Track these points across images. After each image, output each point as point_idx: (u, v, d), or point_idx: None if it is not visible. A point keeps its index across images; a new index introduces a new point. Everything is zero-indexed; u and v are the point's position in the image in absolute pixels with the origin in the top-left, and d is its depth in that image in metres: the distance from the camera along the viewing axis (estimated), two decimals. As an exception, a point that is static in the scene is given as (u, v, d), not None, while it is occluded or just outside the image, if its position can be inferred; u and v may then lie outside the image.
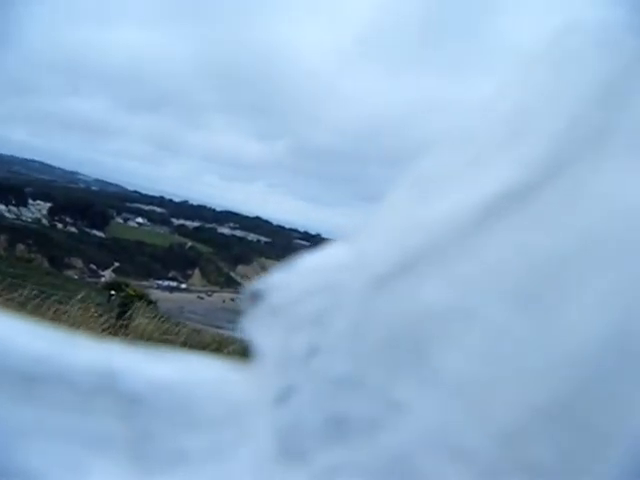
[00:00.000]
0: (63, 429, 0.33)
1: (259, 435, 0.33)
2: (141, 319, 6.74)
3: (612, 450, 0.26)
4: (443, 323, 0.30)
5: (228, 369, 0.37)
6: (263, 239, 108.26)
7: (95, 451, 0.33)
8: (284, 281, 0.38)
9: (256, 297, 0.38)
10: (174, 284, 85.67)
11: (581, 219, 0.28)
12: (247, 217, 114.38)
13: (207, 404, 0.35)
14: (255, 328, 0.37)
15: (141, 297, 7.91)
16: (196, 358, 0.38)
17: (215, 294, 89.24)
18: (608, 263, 0.27)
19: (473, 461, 0.28)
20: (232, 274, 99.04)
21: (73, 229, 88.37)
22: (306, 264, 0.38)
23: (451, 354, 0.29)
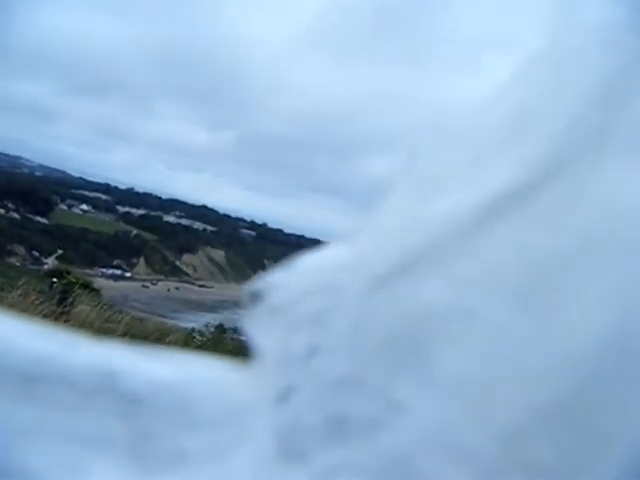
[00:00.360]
0: (63, 429, 0.33)
1: (259, 435, 0.33)
2: (83, 306, 6.72)
3: (612, 450, 0.26)
4: (443, 323, 0.30)
5: (228, 369, 0.37)
6: (209, 228, 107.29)
7: (95, 451, 0.33)
8: (284, 281, 0.38)
9: (256, 297, 0.38)
10: (118, 272, 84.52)
11: (581, 219, 0.28)
12: (193, 206, 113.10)
13: (207, 404, 0.35)
14: (255, 328, 0.37)
15: (83, 285, 7.82)
16: (196, 358, 0.38)
17: (160, 283, 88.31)
18: (608, 263, 0.27)
19: (473, 461, 0.28)
20: (177, 263, 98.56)
21: (15, 215, 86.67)
22: (306, 264, 0.38)
23: (451, 354, 0.29)
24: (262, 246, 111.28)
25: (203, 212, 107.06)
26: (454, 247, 0.31)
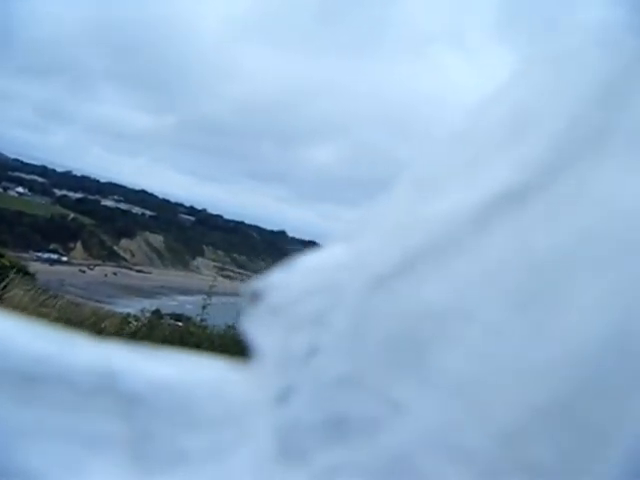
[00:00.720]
0: (63, 429, 0.33)
1: (259, 435, 0.33)
2: (16, 290, 6.64)
3: (612, 450, 0.26)
4: (443, 323, 0.30)
5: (228, 369, 0.37)
6: (148, 213, 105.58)
7: (95, 451, 0.33)
8: (284, 281, 0.38)
9: (256, 297, 0.38)
10: (55, 256, 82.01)
11: (581, 219, 0.28)
12: (132, 190, 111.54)
13: (207, 404, 0.35)
14: (255, 328, 0.37)
15: (18, 268, 7.79)
16: (196, 358, 0.38)
17: (97, 268, 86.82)
18: (608, 263, 0.27)
19: (473, 461, 0.28)
20: (115, 248, 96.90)
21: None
22: (306, 264, 0.38)
23: (451, 354, 0.29)
24: (201, 232, 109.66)
25: (142, 197, 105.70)
26: (454, 247, 0.31)
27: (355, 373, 0.32)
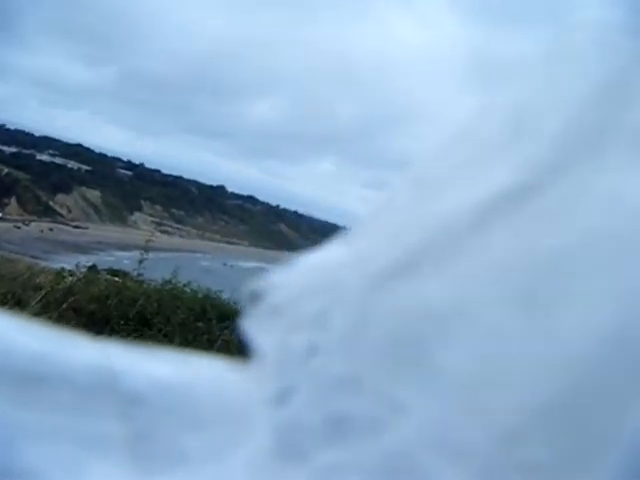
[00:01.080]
0: (63, 429, 0.33)
1: (259, 435, 0.33)
2: None
3: (612, 450, 0.26)
4: (443, 323, 0.30)
5: (228, 369, 0.37)
6: (84, 167, 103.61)
7: (95, 451, 0.33)
8: (283, 280, 0.38)
9: (255, 297, 0.38)
10: None
11: (581, 219, 0.29)
12: (68, 144, 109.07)
13: (207, 404, 0.35)
14: (255, 328, 0.37)
15: None
16: (196, 358, 0.38)
17: (33, 223, 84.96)
18: (609, 263, 0.27)
19: (473, 461, 0.28)
20: (51, 203, 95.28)
21: None
22: (306, 263, 0.38)
23: (451, 354, 0.29)
24: (139, 186, 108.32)
25: (78, 151, 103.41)
26: (454, 247, 0.31)
27: (355, 373, 0.32)
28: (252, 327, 0.37)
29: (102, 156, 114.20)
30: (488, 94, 0.36)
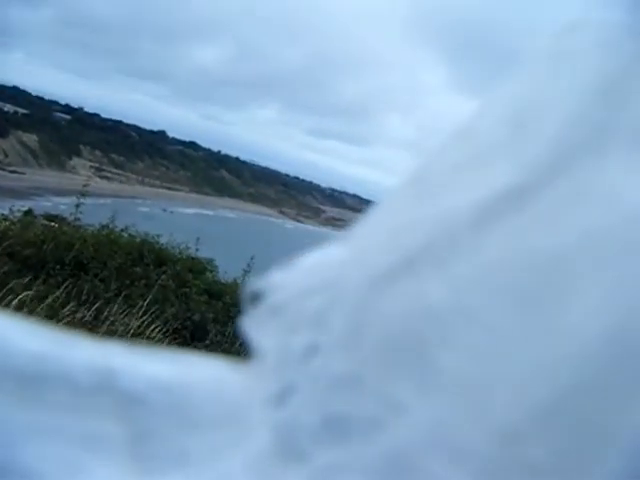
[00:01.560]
0: (63, 429, 0.33)
1: (258, 435, 0.33)
2: None
3: (612, 450, 0.26)
4: (443, 323, 0.30)
5: (227, 369, 0.37)
6: (20, 110, 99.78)
7: (95, 451, 0.33)
8: (283, 280, 0.38)
9: (255, 296, 0.38)
10: None
11: (582, 219, 0.28)
12: (3, 86, 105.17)
13: (207, 404, 0.35)
14: (254, 328, 0.37)
15: None
16: (196, 358, 0.38)
17: None
18: (609, 263, 0.27)
19: (473, 461, 0.28)
20: None
21: None
22: (306, 263, 0.38)
23: (451, 354, 0.29)
24: (78, 131, 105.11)
25: (14, 93, 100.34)
26: (454, 247, 0.31)
27: (355, 373, 0.32)
28: (252, 327, 0.37)
29: (39, 99, 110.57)
30: (487, 94, 0.36)
